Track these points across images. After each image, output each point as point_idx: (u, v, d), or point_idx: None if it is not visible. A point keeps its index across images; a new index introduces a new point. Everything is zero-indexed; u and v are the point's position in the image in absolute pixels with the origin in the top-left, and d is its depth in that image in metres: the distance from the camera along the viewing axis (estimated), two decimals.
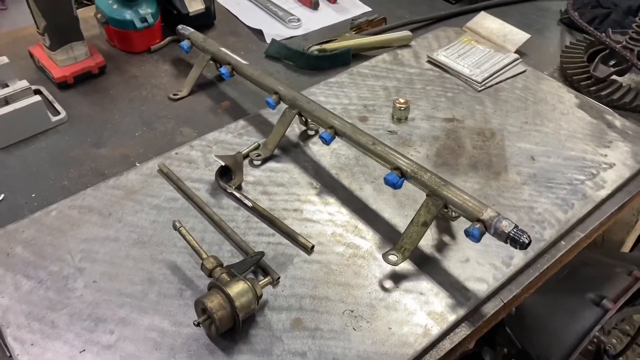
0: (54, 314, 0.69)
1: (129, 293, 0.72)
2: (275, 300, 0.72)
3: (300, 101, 0.90)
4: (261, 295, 0.69)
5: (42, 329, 0.68)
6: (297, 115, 0.92)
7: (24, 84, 0.98)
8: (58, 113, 1.01)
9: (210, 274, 0.70)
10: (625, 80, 1.10)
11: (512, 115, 1.01)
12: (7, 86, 0.99)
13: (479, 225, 0.69)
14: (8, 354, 0.67)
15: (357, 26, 1.21)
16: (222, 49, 1.04)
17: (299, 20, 1.26)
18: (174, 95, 1.06)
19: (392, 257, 0.74)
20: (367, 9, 1.33)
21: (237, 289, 0.66)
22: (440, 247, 0.79)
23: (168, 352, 0.66)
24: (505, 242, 0.68)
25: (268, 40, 1.21)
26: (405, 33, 1.17)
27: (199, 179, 0.88)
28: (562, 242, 0.82)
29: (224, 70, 1.01)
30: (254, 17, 1.28)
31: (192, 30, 1.11)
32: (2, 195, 0.87)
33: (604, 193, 0.87)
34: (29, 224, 0.80)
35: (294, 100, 0.91)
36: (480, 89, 1.06)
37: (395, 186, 0.77)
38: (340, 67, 1.13)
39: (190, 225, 0.80)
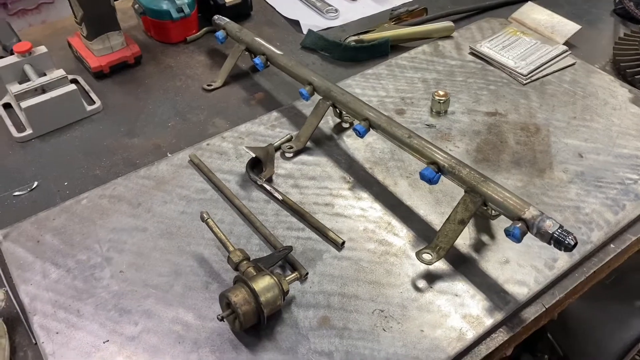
0: (80, 303, 0.69)
1: (155, 284, 0.71)
2: (303, 296, 0.69)
3: (334, 92, 0.87)
4: (287, 291, 0.66)
5: (68, 318, 0.67)
6: (331, 107, 0.89)
7: (60, 73, 0.98)
8: (93, 102, 1.01)
9: (236, 267, 0.68)
10: None
11: (559, 109, 0.96)
12: (45, 75, 0.99)
13: (520, 224, 0.65)
14: (34, 342, 0.67)
15: (396, 17, 1.17)
16: (257, 39, 1.02)
17: (336, 10, 1.23)
18: (208, 85, 1.05)
19: (426, 256, 0.70)
20: None
21: (262, 283, 0.64)
22: (478, 246, 0.75)
23: (191, 346, 0.64)
24: (549, 243, 0.63)
25: (305, 31, 1.18)
26: (446, 24, 1.12)
27: (229, 171, 0.86)
28: (612, 245, 0.76)
29: (257, 60, 0.99)
30: (291, 8, 1.26)
31: (227, 20, 1.09)
32: (36, 183, 0.87)
33: None
34: (59, 212, 0.80)
35: (328, 91, 0.88)
36: (525, 82, 1.01)
37: (432, 181, 0.73)
38: (379, 59, 1.10)
39: (218, 217, 0.79)
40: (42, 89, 0.96)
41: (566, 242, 0.62)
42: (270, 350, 0.64)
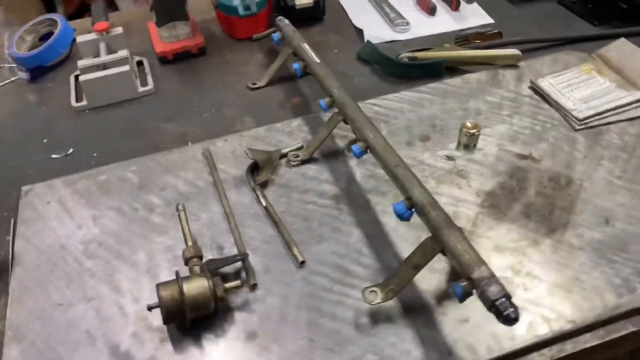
0: (55, 267, 0.75)
1: (122, 262, 0.75)
2: (245, 306, 0.69)
3: (347, 108, 0.84)
4: (223, 298, 0.66)
5: (39, 277, 0.74)
6: (343, 122, 0.86)
7: (123, 53, 1.07)
8: (147, 84, 1.09)
9: (186, 262, 0.70)
10: None
11: (606, 164, 0.83)
12: (116, 53, 1.09)
13: (465, 283, 0.58)
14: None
15: (463, 37, 1.09)
16: (303, 44, 1.02)
17: (407, 24, 1.19)
18: (252, 84, 1.08)
19: (371, 295, 0.66)
20: (489, 20, 1.20)
21: (194, 285, 0.65)
22: (443, 297, 0.68)
23: (123, 324, 0.67)
24: (489, 310, 0.56)
25: (366, 40, 1.15)
26: (512, 51, 1.03)
27: (233, 169, 0.87)
28: (601, 331, 0.65)
29: (296, 66, 0.99)
30: (362, 16, 1.24)
31: (287, 22, 1.10)
32: (71, 149, 0.97)
33: None
34: (76, 180, 0.88)
35: (343, 106, 0.85)
36: (578, 127, 0.89)
37: (402, 217, 0.68)
38: (431, 79, 1.04)
39: (203, 212, 0.81)
40: (104, 66, 1.06)
41: (505, 313, 0.54)
42: (183, 353, 0.65)
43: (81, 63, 1.05)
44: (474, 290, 0.58)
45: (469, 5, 1.22)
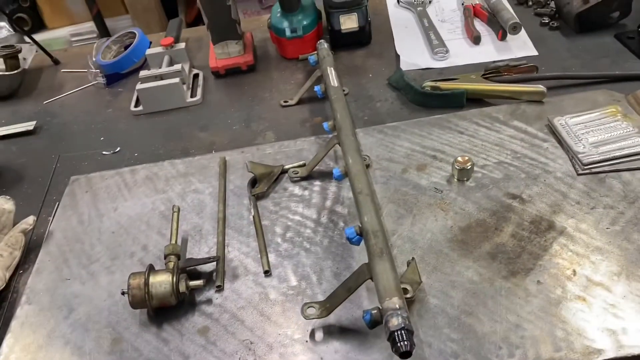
0: (73, 252, 0.89)
1: (126, 250, 0.87)
2: (207, 304, 0.77)
3: (342, 132, 0.89)
4: (184, 294, 0.75)
5: (57, 257, 0.88)
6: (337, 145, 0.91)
7: (178, 67, 1.21)
8: (195, 96, 1.21)
9: (165, 257, 0.80)
10: None
11: (596, 214, 0.80)
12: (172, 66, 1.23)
13: (375, 311, 0.61)
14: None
15: (493, 69, 1.08)
16: (330, 67, 1.08)
17: (447, 52, 1.20)
18: (285, 102, 1.16)
19: (310, 310, 0.71)
20: (534, 52, 1.17)
21: (159, 278, 0.74)
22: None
23: (108, 304, 0.79)
24: (388, 340, 0.59)
25: (403, 67, 1.18)
26: (536, 87, 1.00)
27: (240, 179, 0.96)
28: None
29: (317, 88, 1.05)
30: (407, 42, 1.26)
31: (325, 45, 1.17)
32: (119, 148, 1.11)
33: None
34: (112, 175, 1.02)
35: (339, 130, 0.91)
36: (580, 172, 0.86)
37: (351, 241, 0.72)
38: (451, 109, 1.05)
39: (202, 214, 0.90)
40: (161, 77, 1.20)
41: (398, 344, 0.57)
42: (144, 334, 0.74)
43: (142, 73, 1.21)
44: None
45: (516, 36, 1.19)
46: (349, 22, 1.26)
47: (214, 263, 0.81)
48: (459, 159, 0.87)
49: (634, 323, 0.66)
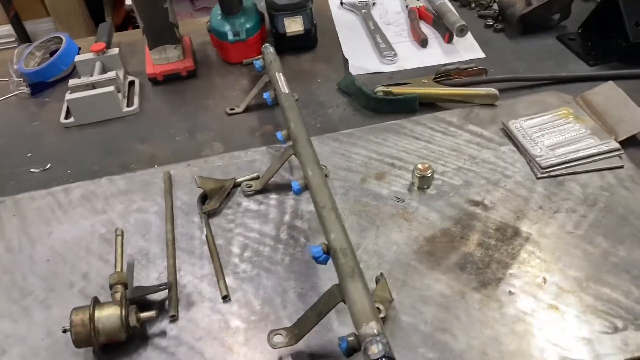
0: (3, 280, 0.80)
1: (64, 280, 0.78)
2: (160, 336, 0.70)
3: (298, 142, 0.85)
4: (135, 327, 0.68)
5: None
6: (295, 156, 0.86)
7: (112, 74, 1.12)
8: (132, 105, 1.13)
9: (110, 287, 0.72)
10: None
11: (559, 218, 0.79)
12: (106, 73, 1.14)
13: (352, 337, 0.57)
14: None
15: (444, 73, 1.07)
16: (279, 73, 1.02)
17: (395, 55, 1.17)
18: (231, 110, 1.10)
19: (277, 338, 0.66)
20: (481, 54, 1.16)
21: (106, 312, 0.67)
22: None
23: (41, 342, 0.70)
24: None
25: (352, 72, 1.15)
26: (488, 90, 1.00)
27: (188, 195, 0.89)
28: None
29: (266, 95, 1.00)
30: (354, 46, 1.23)
31: (271, 50, 1.11)
32: (49, 165, 1.01)
33: None
34: (42, 196, 0.92)
35: (295, 140, 0.86)
36: (540, 175, 0.85)
37: (318, 261, 0.67)
38: (404, 114, 1.02)
39: (148, 236, 0.83)
40: (93, 85, 1.11)
41: None
42: None
43: (72, 82, 1.11)
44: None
45: (462, 38, 1.19)
46: (294, 25, 1.21)
47: (166, 290, 0.74)
48: (419, 166, 0.85)
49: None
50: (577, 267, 0.73)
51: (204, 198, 0.88)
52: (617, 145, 0.87)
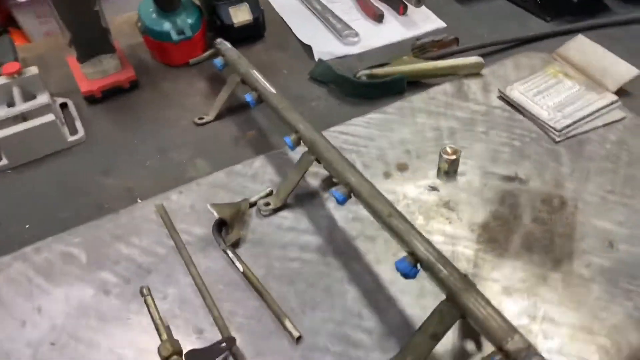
0: None
1: None
2: None
3: (319, 146, 0.76)
4: None
5: None
6: (316, 162, 0.77)
7: (44, 100, 0.92)
8: (76, 132, 0.95)
9: None
10: None
11: (595, 179, 0.79)
12: (35, 98, 0.94)
13: (499, 357, 0.51)
14: None
15: (420, 47, 1.02)
16: (253, 71, 0.91)
17: (357, 35, 1.11)
18: (199, 119, 0.96)
19: None
20: (441, 24, 1.14)
21: None
22: (462, 357, 0.62)
23: None
24: None
25: (318, 57, 1.06)
26: (474, 59, 0.97)
27: (197, 227, 0.77)
28: None
29: (249, 97, 0.88)
30: (307, 30, 1.14)
31: (229, 45, 0.99)
32: None
33: None
34: (9, 262, 0.74)
35: (313, 144, 0.76)
36: (558, 139, 0.85)
37: (408, 276, 0.60)
38: (393, 97, 0.97)
39: (170, 287, 0.70)
40: (23, 117, 0.91)
41: None
42: None
43: None
44: None
45: (417, 9, 1.15)
46: (240, 15, 1.09)
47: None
48: (447, 149, 0.80)
49: None
50: (633, 223, 0.73)
51: (219, 228, 0.76)
52: (615, 97, 0.89)
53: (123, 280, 0.71)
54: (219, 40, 1.01)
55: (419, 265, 0.61)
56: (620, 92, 0.91)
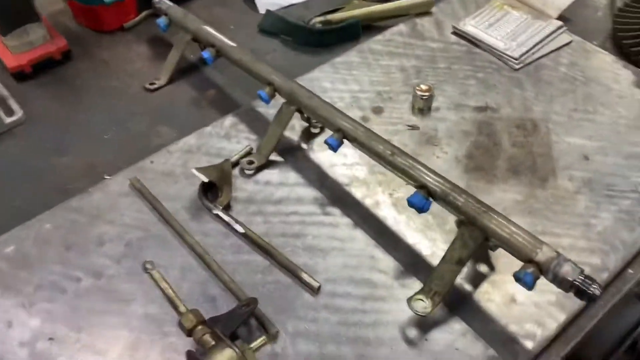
0: None
1: (93, 351, 0.58)
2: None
3: (299, 96, 0.73)
4: None
5: None
6: (296, 112, 0.75)
7: None
8: (13, 112, 0.85)
9: (189, 334, 0.56)
10: None
11: (558, 100, 0.83)
12: None
13: (532, 269, 0.53)
14: None
15: None
16: (205, 27, 0.86)
17: None
18: (151, 84, 0.89)
19: (420, 304, 0.58)
20: None
21: (222, 359, 0.52)
22: (477, 280, 0.64)
23: None
24: (568, 291, 0.52)
25: (262, 11, 1.02)
26: None
27: (178, 196, 0.72)
28: (630, 271, 0.66)
29: (206, 54, 0.83)
30: None
31: (170, 3, 0.92)
32: None
33: None
34: None
35: (292, 94, 0.74)
36: (517, 66, 0.88)
37: (422, 210, 0.61)
38: (349, 43, 0.95)
39: (167, 260, 0.65)
40: None
41: (590, 291, 0.51)
42: None
43: None
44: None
45: None
46: None
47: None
48: (422, 87, 0.81)
49: None
50: (600, 136, 0.78)
51: (205, 192, 0.72)
52: (560, 23, 0.94)
53: (113, 260, 0.66)
54: None
55: (430, 198, 0.61)
56: (561, 19, 0.95)
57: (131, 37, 0.99)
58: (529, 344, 0.58)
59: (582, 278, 0.51)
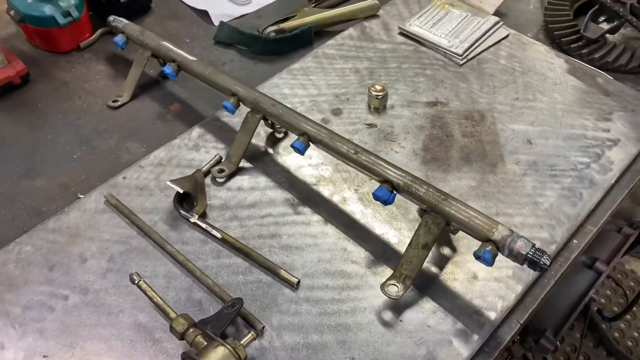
0: None
1: None
2: (263, 356, 0.62)
3: (263, 103, 0.77)
4: (246, 358, 0.58)
5: None
6: (262, 120, 0.79)
7: None
8: None
9: (182, 337, 0.59)
10: (616, 38, 0.99)
11: (501, 91, 0.91)
12: None
13: (490, 246, 0.60)
14: None
15: None
16: (164, 42, 0.89)
17: None
18: (114, 102, 0.91)
19: (393, 288, 0.64)
20: None
21: (216, 357, 0.55)
22: (442, 262, 0.70)
23: None
24: (522, 264, 0.59)
25: (215, 23, 1.05)
26: (370, 2, 1.03)
27: (154, 209, 0.75)
28: (574, 241, 0.73)
29: (168, 69, 0.86)
30: None
31: (125, 21, 0.95)
32: None
33: (611, 176, 0.78)
34: None
35: (256, 103, 0.78)
36: (462, 62, 0.95)
37: (387, 202, 0.66)
38: (303, 49, 1.00)
39: (150, 270, 0.68)
40: None
41: (541, 262, 0.57)
42: None
43: None
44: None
45: None
46: None
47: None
48: (377, 86, 0.86)
49: None
50: (541, 121, 0.85)
51: (180, 202, 0.75)
52: (497, 18, 1.01)
53: (96, 275, 0.68)
54: (112, 17, 0.97)
55: (394, 191, 0.66)
56: (498, 14, 1.03)
57: (89, 56, 1.01)
58: (492, 315, 0.64)
59: (534, 251, 0.58)
